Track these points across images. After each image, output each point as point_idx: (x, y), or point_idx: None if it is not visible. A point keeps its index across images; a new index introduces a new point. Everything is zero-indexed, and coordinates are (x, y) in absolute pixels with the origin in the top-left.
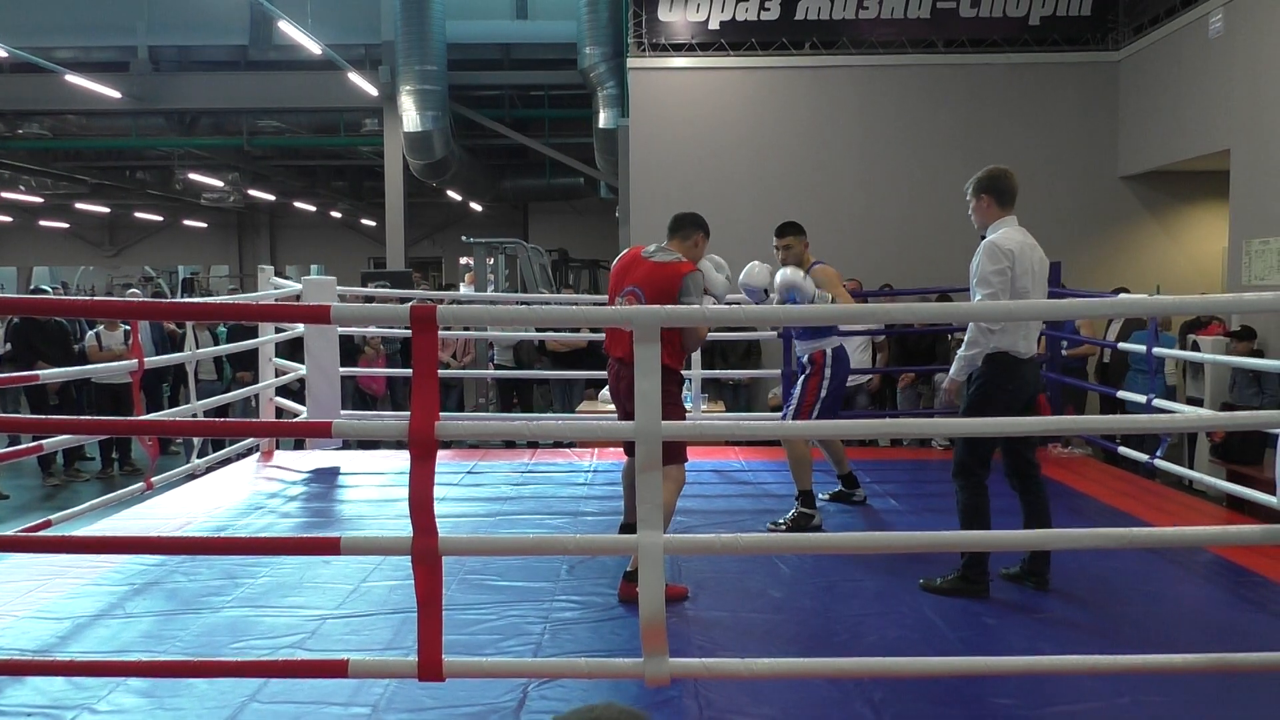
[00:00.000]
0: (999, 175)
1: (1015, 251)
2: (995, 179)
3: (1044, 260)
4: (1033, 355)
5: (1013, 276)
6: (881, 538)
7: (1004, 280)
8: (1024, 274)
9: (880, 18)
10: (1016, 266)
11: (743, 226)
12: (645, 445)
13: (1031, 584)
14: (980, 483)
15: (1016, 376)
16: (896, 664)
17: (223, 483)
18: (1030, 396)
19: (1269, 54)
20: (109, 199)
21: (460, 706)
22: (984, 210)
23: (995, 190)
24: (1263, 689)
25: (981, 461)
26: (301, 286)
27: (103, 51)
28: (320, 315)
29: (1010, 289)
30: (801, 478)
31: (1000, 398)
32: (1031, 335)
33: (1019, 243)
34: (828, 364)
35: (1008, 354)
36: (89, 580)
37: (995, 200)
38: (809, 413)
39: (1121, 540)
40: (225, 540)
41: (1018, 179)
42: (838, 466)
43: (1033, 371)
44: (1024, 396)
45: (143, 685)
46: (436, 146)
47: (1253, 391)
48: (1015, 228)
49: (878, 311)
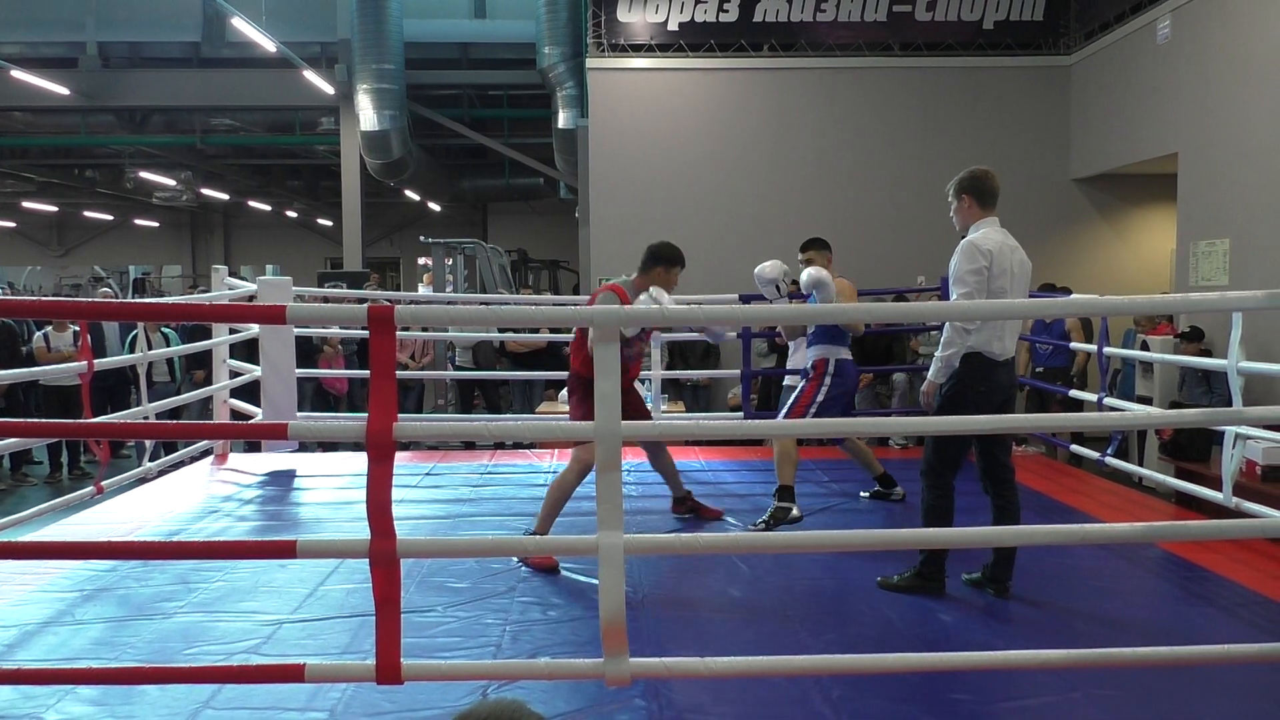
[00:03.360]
0: (980, 176)
1: (993, 252)
2: (976, 180)
3: (1025, 262)
4: (1009, 357)
5: (989, 277)
6: (837, 536)
7: (980, 280)
8: (1001, 274)
9: (838, 20)
10: (994, 267)
11: (700, 225)
12: (605, 445)
13: (992, 590)
14: (946, 484)
15: (990, 378)
16: (855, 661)
17: (175, 486)
18: (1005, 399)
19: (1215, 59)
20: (57, 197)
21: (419, 710)
22: (965, 211)
23: (976, 191)
24: (1211, 681)
25: (948, 463)
26: (256, 287)
27: (50, 47)
28: (275, 315)
29: (987, 289)
30: (784, 473)
31: (972, 399)
32: (1006, 337)
33: (998, 243)
34: (829, 372)
35: (982, 355)
36: (36, 587)
37: (976, 201)
38: (801, 416)
39: (1074, 536)
40: (178, 545)
41: (999, 180)
42: (869, 469)
43: (1008, 374)
44: (997, 399)
45: (93, 693)
46: (394, 146)
47: (1201, 390)
48: (996, 229)
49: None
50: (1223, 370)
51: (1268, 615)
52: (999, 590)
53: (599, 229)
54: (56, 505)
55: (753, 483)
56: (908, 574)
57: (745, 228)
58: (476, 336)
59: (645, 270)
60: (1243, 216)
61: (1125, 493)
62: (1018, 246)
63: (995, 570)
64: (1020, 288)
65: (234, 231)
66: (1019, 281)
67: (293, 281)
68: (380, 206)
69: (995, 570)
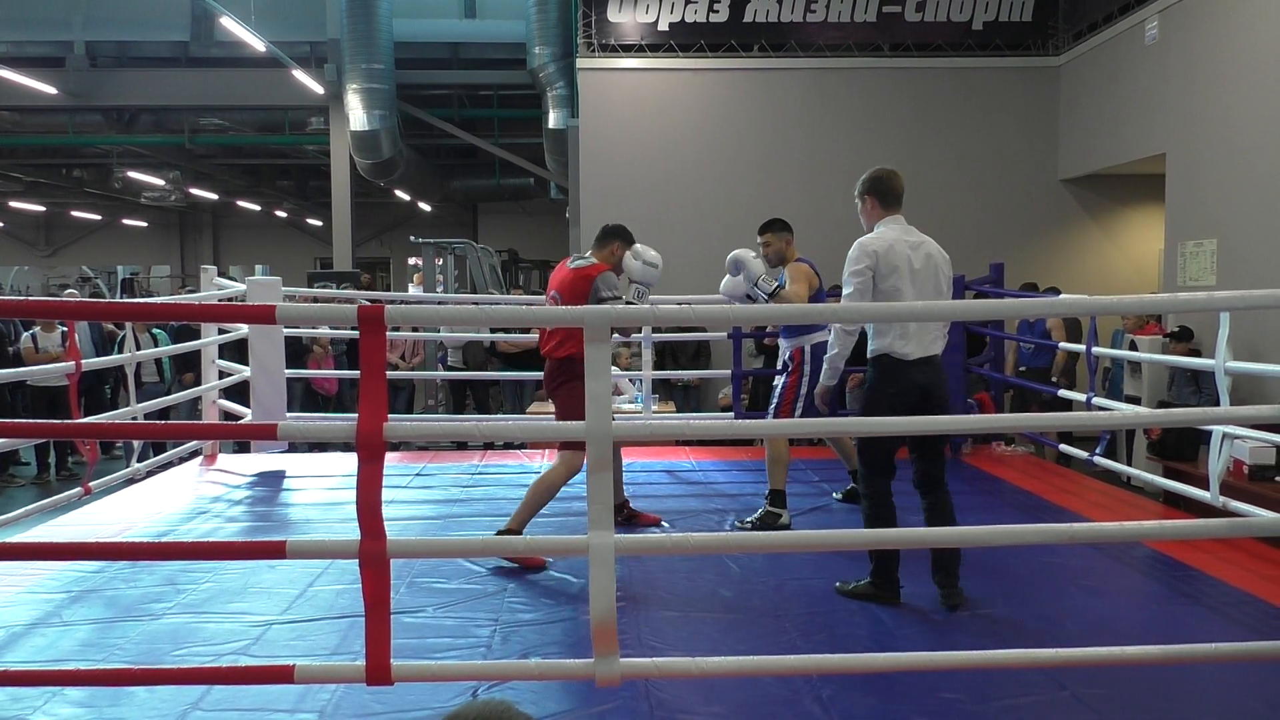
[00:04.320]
0: (880, 176)
1: (879, 252)
2: (877, 180)
3: (932, 257)
4: (926, 357)
5: (877, 276)
6: (827, 536)
7: (863, 281)
8: (891, 273)
9: (827, 21)
10: (881, 266)
11: (690, 225)
12: (595, 445)
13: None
14: (880, 489)
15: (899, 379)
16: (845, 661)
17: (164, 487)
18: (921, 399)
19: (1203, 60)
20: (44, 197)
21: (409, 711)
22: (869, 212)
23: (877, 191)
24: (1199, 680)
25: (874, 468)
26: (246, 287)
27: (37, 46)
28: (264, 315)
29: (873, 289)
30: (775, 477)
31: (882, 401)
32: (913, 336)
33: (890, 241)
34: (806, 360)
35: (889, 356)
36: (24, 588)
37: (878, 201)
38: (789, 411)
39: (1062, 535)
40: (166, 545)
41: (903, 180)
42: (848, 462)
43: (923, 374)
44: (910, 399)
45: (81, 695)
46: (384, 146)
47: (1190, 390)
48: (896, 226)
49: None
50: (1211, 370)
51: (1255, 614)
52: (944, 598)
53: (590, 229)
54: (44, 506)
55: (743, 482)
56: (864, 581)
57: (736, 228)
58: (467, 337)
59: (602, 246)
60: (1230, 217)
61: (1114, 492)
62: (924, 243)
63: (935, 579)
64: (925, 285)
65: (223, 231)
66: (923, 279)
67: (282, 281)
68: (370, 206)
69: (935, 579)
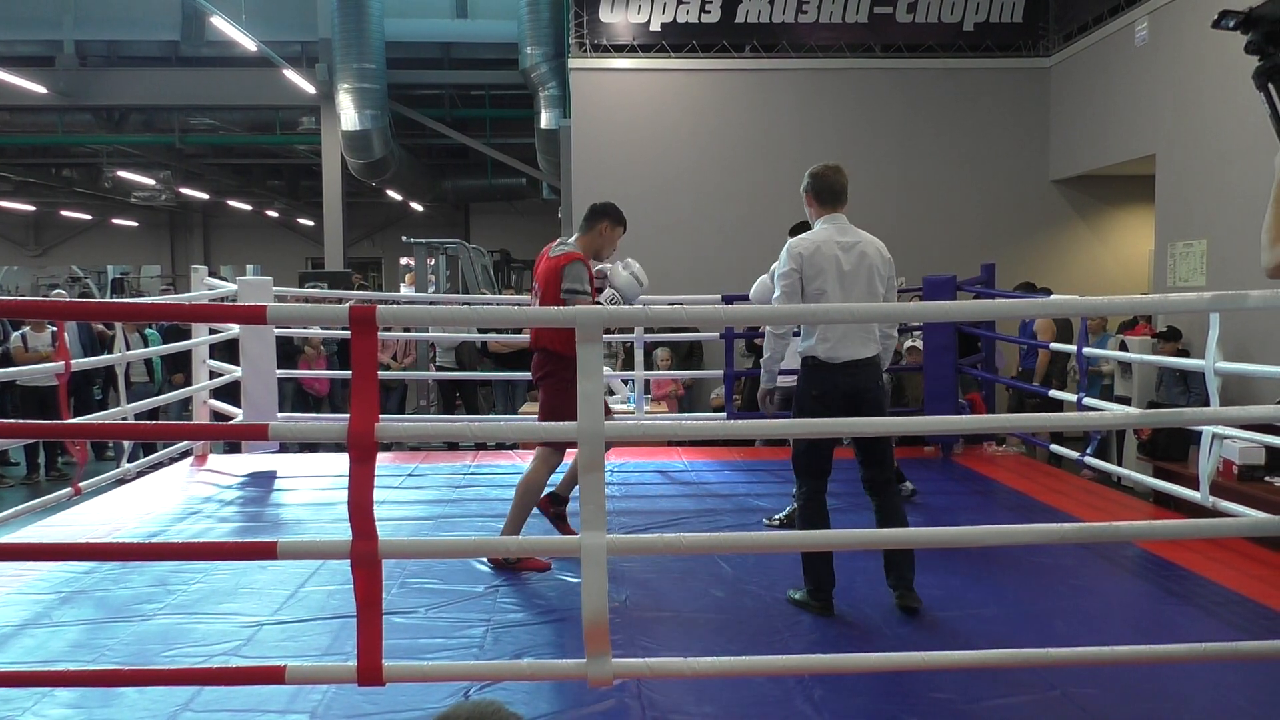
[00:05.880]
0: (818, 174)
1: (805, 254)
2: (815, 178)
3: (866, 257)
4: (853, 360)
5: (802, 279)
6: (817, 536)
7: (790, 284)
8: (817, 275)
9: (819, 22)
10: (806, 269)
11: (683, 226)
12: (588, 445)
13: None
14: (812, 490)
15: (823, 382)
16: (836, 661)
17: (154, 488)
18: (847, 404)
19: (1192, 62)
20: (34, 197)
21: (401, 711)
22: (809, 209)
23: (815, 189)
24: (1189, 679)
25: (805, 470)
26: (237, 287)
27: (27, 46)
28: (255, 315)
29: (800, 291)
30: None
31: (808, 403)
32: (837, 339)
33: (817, 243)
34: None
35: (816, 359)
36: (14, 589)
37: (815, 199)
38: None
39: (1053, 535)
40: (157, 546)
41: (845, 177)
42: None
43: (849, 377)
44: (834, 403)
45: (70, 696)
46: (375, 146)
47: (1179, 390)
48: (830, 226)
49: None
50: (1200, 370)
51: (1245, 613)
52: (898, 599)
53: None
54: (34, 506)
55: (735, 482)
56: (802, 591)
57: (728, 228)
58: (459, 337)
59: (589, 228)
60: (1220, 217)
61: (1104, 492)
62: (859, 242)
63: (889, 582)
64: (855, 287)
65: (214, 231)
66: (852, 280)
67: (273, 281)
68: (362, 206)
69: (889, 582)
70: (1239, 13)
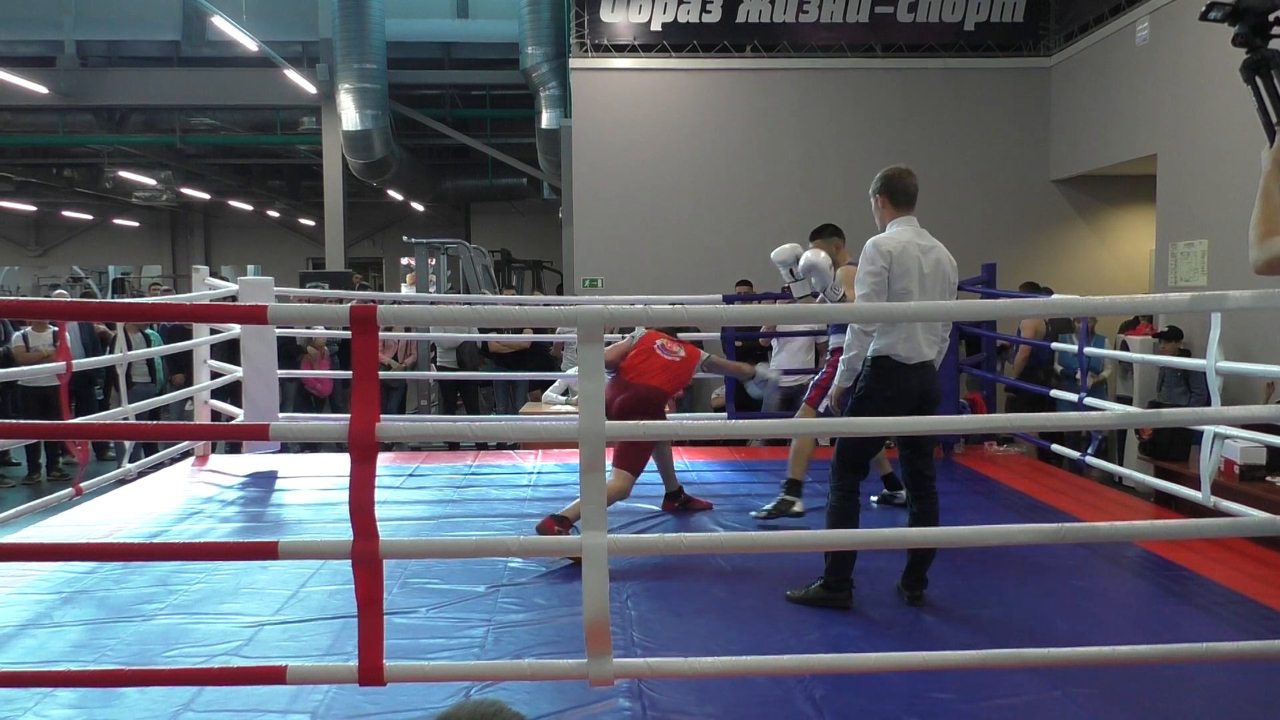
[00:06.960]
0: (893, 176)
1: (894, 252)
2: (889, 179)
3: (941, 262)
4: (923, 360)
5: (890, 278)
6: (818, 535)
7: (879, 281)
8: (904, 275)
9: (820, 21)
10: (894, 267)
11: (683, 226)
12: (588, 445)
13: (906, 598)
14: (850, 486)
15: (897, 382)
16: (838, 661)
17: (155, 488)
18: (918, 404)
19: (1193, 61)
20: (35, 197)
21: (402, 712)
22: (881, 211)
23: (889, 190)
24: (1190, 680)
25: (849, 466)
26: (238, 287)
27: (28, 46)
28: (256, 315)
29: (887, 290)
30: (794, 467)
31: (880, 403)
32: (917, 339)
33: (903, 243)
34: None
35: (889, 358)
36: (14, 589)
37: (889, 200)
38: (817, 398)
39: (1054, 535)
40: (158, 546)
41: (916, 179)
42: (877, 467)
43: (920, 378)
44: (907, 404)
45: (71, 696)
46: (376, 146)
47: (1180, 390)
48: (908, 228)
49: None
50: (1202, 370)
51: (1246, 614)
52: (912, 598)
53: (582, 229)
54: (35, 507)
55: (736, 482)
56: (815, 584)
57: (729, 228)
58: (460, 337)
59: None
60: (1221, 217)
61: (1105, 492)
62: (935, 246)
63: (905, 578)
64: (935, 288)
65: (214, 231)
66: (932, 282)
67: (274, 282)
68: (363, 206)
69: (905, 578)
70: (1226, 4)
